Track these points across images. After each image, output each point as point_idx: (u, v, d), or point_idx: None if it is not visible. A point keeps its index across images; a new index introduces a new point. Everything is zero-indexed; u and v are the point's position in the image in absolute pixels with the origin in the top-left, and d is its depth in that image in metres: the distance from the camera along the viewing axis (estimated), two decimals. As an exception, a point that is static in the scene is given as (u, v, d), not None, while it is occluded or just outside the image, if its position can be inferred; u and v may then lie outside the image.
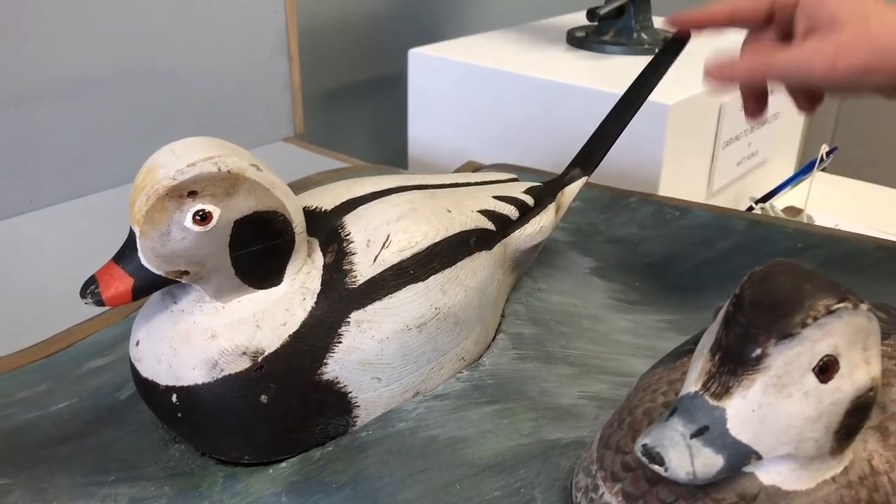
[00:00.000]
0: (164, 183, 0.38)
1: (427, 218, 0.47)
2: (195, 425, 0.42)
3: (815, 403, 0.30)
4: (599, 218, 0.72)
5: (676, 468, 0.30)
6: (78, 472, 0.44)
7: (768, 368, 0.30)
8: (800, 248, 0.65)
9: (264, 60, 0.99)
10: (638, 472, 0.34)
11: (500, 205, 0.52)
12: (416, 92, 1.07)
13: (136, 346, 0.43)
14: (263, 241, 0.41)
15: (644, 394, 0.37)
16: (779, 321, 0.30)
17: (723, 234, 0.67)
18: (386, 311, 0.43)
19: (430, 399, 0.45)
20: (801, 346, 0.30)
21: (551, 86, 0.94)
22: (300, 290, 0.43)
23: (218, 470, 0.43)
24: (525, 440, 0.42)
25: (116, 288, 0.39)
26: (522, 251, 0.54)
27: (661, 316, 0.59)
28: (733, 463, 0.30)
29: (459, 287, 0.46)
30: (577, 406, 0.46)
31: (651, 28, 1.09)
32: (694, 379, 0.31)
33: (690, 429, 0.30)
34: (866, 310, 0.31)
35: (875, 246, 0.63)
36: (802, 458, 0.32)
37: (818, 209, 1.08)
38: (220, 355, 0.40)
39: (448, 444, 0.42)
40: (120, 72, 0.86)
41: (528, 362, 0.49)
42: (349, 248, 0.44)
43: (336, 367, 0.42)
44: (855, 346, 0.31)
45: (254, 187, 0.40)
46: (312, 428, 0.43)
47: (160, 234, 0.39)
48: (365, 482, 0.40)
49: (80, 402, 0.50)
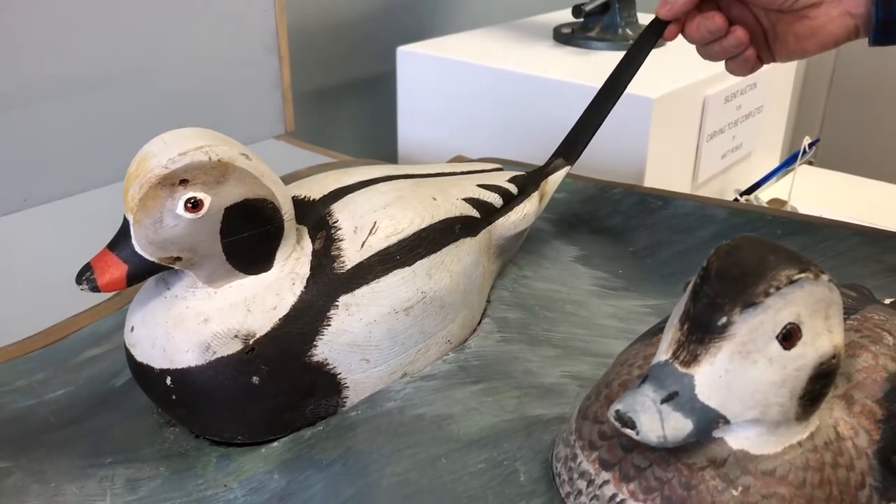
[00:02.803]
0: (156, 171, 0.39)
1: (413, 205, 0.48)
2: (189, 407, 0.43)
3: (779, 369, 0.32)
4: (584, 209, 0.74)
5: (647, 432, 0.31)
6: (76, 455, 0.45)
7: (734, 336, 0.31)
8: (779, 235, 0.66)
9: (255, 59, 1.01)
10: (614, 440, 0.35)
11: (484, 193, 0.54)
12: (405, 89, 1.08)
13: (130, 332, 0.44)
14: (253, 227, 0.42)
15: (621, 368, 0.39)
16: (743, 291, 0.31)
17: (704, 222, 0.69)
18: (373, 294, 0.45)
19: (418, 380, 0.47)
20: (765, 314, 0.31)
21: (538, 82, 0.96)
22: (290, 275, 0.44)
23: (212, 450, 0.45)
24: (508, 416, 0.44)
25: (111, 274, 0.41)
26: (507, 238, 0.55)
27: (643, 301, 0.61)
28: (702, 427, 0.32)
29: (445, 272, 0.48)
30: (560, 385, 0.47)
31: (636, 24, 1.10)
32: (664, 348, 0.33)
33: (661, 394, 0.32)
34: (827, 280, 0.32)
35: (852, 231, 0.65)
36: (769, 423, 0.33)
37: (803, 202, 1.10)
38: (213, 338, 0.42)
39: (434, 421, 0.43)
40: (112, 71, 0.87)
41: (513, 344, 0.51)
42: (337, 234, 0.46)
43: (325, 350, 0.44)
44: (817, 314, 0.32)
45: (243, 175, 0.41)
46: (303, 408, 0.44)
47: (153, 221, 0.40)
48: (354, 458, 0.42)
49: (76, 390, 0.51)
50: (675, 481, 0.33)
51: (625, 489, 0.34)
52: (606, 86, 0.61)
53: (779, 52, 0.60)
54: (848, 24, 0.55)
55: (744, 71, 0.61)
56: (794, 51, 0.59)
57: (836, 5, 0.55)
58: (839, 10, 0.55)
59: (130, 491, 0.42)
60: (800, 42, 0.58)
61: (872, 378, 0.38)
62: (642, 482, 0.34)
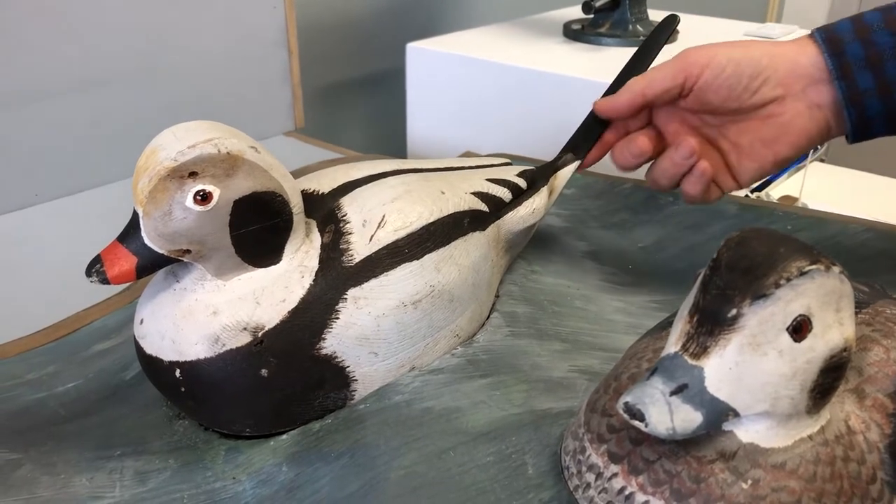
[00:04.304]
0: (165, 164, 0.39)
1: (422, 199, 0.48)
2: (198, 399, 0.43)
3: (789, 362, 0.32)
4: (594, 204, 0.74)
5: (656, 424, 0.31)
6: (85, 448, 0.45)
7: (743, 328, 0.31)
8: (790, 231, 0.66)
9: (264, 56, 1.01)
10: (622, 433, 0.35)
11: (493, 187, 0.54)
12: (414, 85, 1.08)
13: (140, 324, 0.44)
14: (262, 220, 0.42)
15: (630, 361, 0.39)
16: (753, 282, 0.31)
17: (714, 218, 0.69)
18: (382, 288, 0.45)
19: (426, 373, 0.47)
20: (775, 305, 0.31)
21: (548, 78, 0.95)
22: (298, 268, 0.44)
23: (220, 443, 0.45)
24: (517, 410, 0.44)
25: (121, 266, 0.41)
26: (516, 233, 0.55)
27: (652, 297, 0.61)
28: (711, 419, 0.32)
29: (453, 266, 0.48)
30: (568, 379, 0.47)
31: (646, 20, 1.10)
32: (674, 340, 0.33)
33: (670, 386, 0.32)
34: (839, 272, 0.32)
35: (863, 227, 0.64)
36: (779, 416, 0.33)
37: (814, 198, 1.09)
38: (222, 331, 0.42)
39: (443, 414, 0.43)
40: (123, 68, 0.87)
41: (521, 339, 0.51)
42: (346, 228, 0.46)
43: (334, 342, 0.44)
44: (828, 306, 0.32)
45: (252, 168, 0.41)
46: (312, 401, 0.44)
47: (162, 213, 0.40)
48: (362, 451, 0.42)
49: (86, 383, 0.51)
50: (685, 474, 0.33)
51: (633, 482, 0.34)
52: (617, 82, 0.61)
53: (745, 170, 0.54)
54: (817, 116, 0.51)
55: (701, 192, 0.54)
56: (764, 161, 0.53)
57: (800, 97, 0.51)
58: (805, 102, 0.51)
59: (140, 483, 0.42)
60: (769, 147, 0.52)
61: (884, 372, 0.37)
62: (651, 475, 0.34)
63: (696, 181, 0.54)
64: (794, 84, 0.51)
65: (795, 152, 0.53)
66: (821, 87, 0.51)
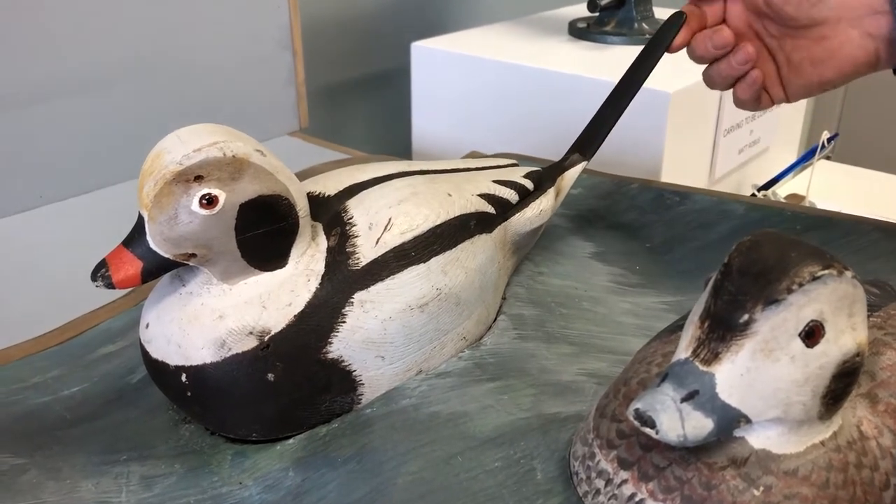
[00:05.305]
0: (171, 168, 0.39)
1: (428, 201, 0.48)
2: (204, 404, 0.43)
3: (801, 367, 0.31)
4: (601, 204, 0.73)
5: (667, 431, 0.31)
6: (91, 452, 0.45)
7: (755, 334, 0.31)
8: (798, 231, 0.66)
9: (268, 56, 1.01)
10: (632, 439, 0.35)
11: (500, 189, 0.53)
12: (419, 85, 1.08)
13: (146, 329, 0.44)
14: (268, 224, 0.42)
15: (640, 366, 0.38)
16: (765, 288, 0.31)
17: (722, 217, 0.68)
18: (388, 291, 0.44)
19: (433, 377, 0.46)
20: (787, 311, 0.31)
21: (554, 76, 0.95)
22: (304, 272, 0.44)
23: (227, 448, 0.45)
24: (525, 414, 0.43)
25: (126, 271, 0.41)
26: (522, 234, 0.55)
27: (660, 298, 0.60)
28: (723, 426, 0.31)
29: (460, 268, 0.47)
30: (577, 382, 0.47)
31: (652, 18, 1.09)
32: (684, 346, 0.32)
33: (681, 393, 0.31)
34: (851, 277, 0.32)
35: (872, 227, 0.64)
36: (791, 422, 0.33)
37: (821, 197, 1.09)
38: (228, 335, 0.42)
39: (450, 418, 0.43)
40: (126, 69, 0.87)
41: (529, 342, 0.50)
42: (352, 231, 0.45)
43: (340, 346, 0.43)
44: (840, 311, 0.32)
45: (258, 172, 0.41)
46: (318, 405, 0.44)
47: (168, 217, 0.40)
48: (370, 456, 0.41)
49: (91, 387, 0.51)
50: (695, 481, 0.33)
51: (644, 488, 0.34)
52: (623, 81, 0.61)
53: (793, 85, 0.57)
54: (868, 46, 0.52)
55: (752, 99, 0.58)
56: (810, 80, 0.55)
57: (855, 24, 0.52)
58: (859, 30, 0.52)
59: (146, 488, 0.42)
60: (817, 68, 0.54)
61: (896, 376, 0.37)
62: (661, 481, 0.33)
63: (747, 87, 0.57)
64: (851, 10, 0.52)
65: (840, 78, 0.54)
66: (879, 17, 0.51)
